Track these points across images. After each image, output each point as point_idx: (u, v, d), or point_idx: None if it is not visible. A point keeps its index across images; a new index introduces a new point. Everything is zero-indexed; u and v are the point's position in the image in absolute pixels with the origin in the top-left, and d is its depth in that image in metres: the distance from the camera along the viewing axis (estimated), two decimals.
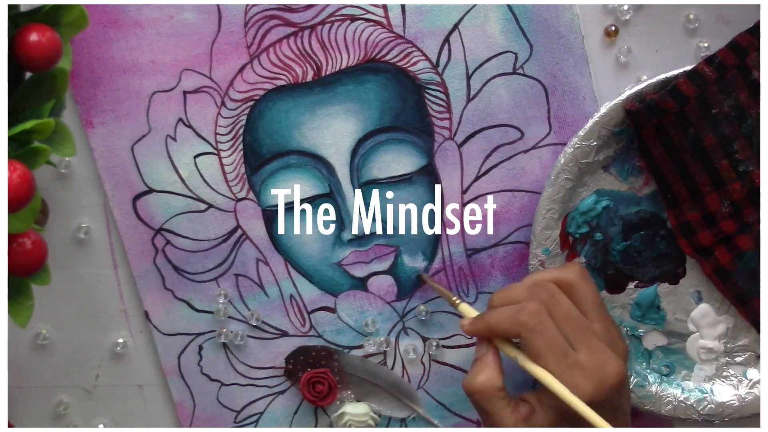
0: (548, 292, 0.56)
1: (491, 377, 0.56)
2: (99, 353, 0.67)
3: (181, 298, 0.66)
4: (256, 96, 0.64)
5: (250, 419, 0.67)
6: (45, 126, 0.51)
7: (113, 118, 0.64)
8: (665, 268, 0.65)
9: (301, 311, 0.66)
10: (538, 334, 0.54)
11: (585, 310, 0.57)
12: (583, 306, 0.57)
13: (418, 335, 0.67)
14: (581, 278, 0.58)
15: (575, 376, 0.54)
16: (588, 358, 0.54)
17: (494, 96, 0.64)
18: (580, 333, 0.55)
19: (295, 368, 0.66)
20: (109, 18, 0.63)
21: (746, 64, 0.59)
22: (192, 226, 0.65)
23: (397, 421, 0.68)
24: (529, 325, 0.54)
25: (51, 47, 0.51)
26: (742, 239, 0.62)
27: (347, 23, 0.63)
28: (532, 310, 0.55)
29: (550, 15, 0.63)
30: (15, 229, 0.50)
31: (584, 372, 0.54)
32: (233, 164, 0.65)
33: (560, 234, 0.63)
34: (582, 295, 0.57)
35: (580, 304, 0.57)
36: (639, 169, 0.63)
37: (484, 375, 0.56)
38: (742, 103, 0.60)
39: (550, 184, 0.62)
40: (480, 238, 0.65)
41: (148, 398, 0.68)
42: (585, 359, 0.54)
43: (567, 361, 0.54)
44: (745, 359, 0.65)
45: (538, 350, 0.54)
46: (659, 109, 0.60)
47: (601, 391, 0.54)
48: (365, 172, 0.64)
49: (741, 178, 0.61)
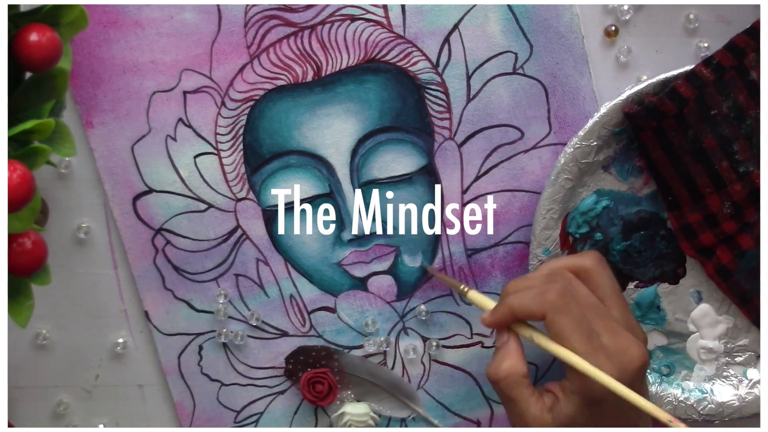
0: (565, 279, 0.55)
1: (516, 364, 0.55)
2: (99, 353, 0.67)
3: (181, 298, 0.66)
4: (256, 96, 0.64)
5: (250, 419, 0.67)
6: (45, 126, 0.51)
7: (113, 118, 0.64)
8: (665, 268, 0.65)
9: (301, 311, 0.66)
10: (565, 314, 0.53)
11: (603, 297, 0.56)
12: (600, 293, 0.56)
13: (418, 335, 0.67)
14: (598, 265, 0.57)
15: (599, 359, 0.53)
16: (611, 341, 0.54)
17: (494, 96, 0.64)
18: (600, 318, 0.55)
19: (295, 368, 0.66)
20: (109, 18, 0.63)
21: (744, 65, 0.59)
22: (192, 226, 0.65)
23: (397, 421, 0.68)
24: (556, 305, 0.53)
25: (51, 47, 0.51)
26: (744, 238, 0.62)
27: (347, 23, 0.63)
28: (558, 289, 0.54)
29: (550, 15, 0.63)
30: (15, 229, 0.50)
31: (608, 355, 0.53)
32: (233, 164, 0.65)
33: (560, 234, 0.63)
34: (599, 282, 0.57)
35: (597, 291, 0.56)
36: (639, 169, 0.63)
37: (509, 362, 0.55)
38: (740, 104, 0.60)
39: (550, 184, 0.62)
40: (480, 238, 0.65)
41: (148, 398, 0.68)
42: (608, 342, 0.54)
43: (592, 344, 0.53)
44: (745, 359, 0.65)
45: (563, 331, 0.53)
46: (658, 111, 0.60)
47: (624, 375, 0.53)
48: (365, 172, 0.64)
49: (741, 178, 0.61)
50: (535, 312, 0.55)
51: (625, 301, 0.58)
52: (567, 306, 0.54)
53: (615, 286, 0.58)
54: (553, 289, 0.54)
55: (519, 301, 0.55)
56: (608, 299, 0.57)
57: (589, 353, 0.53)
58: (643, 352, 0.54)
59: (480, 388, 0.67)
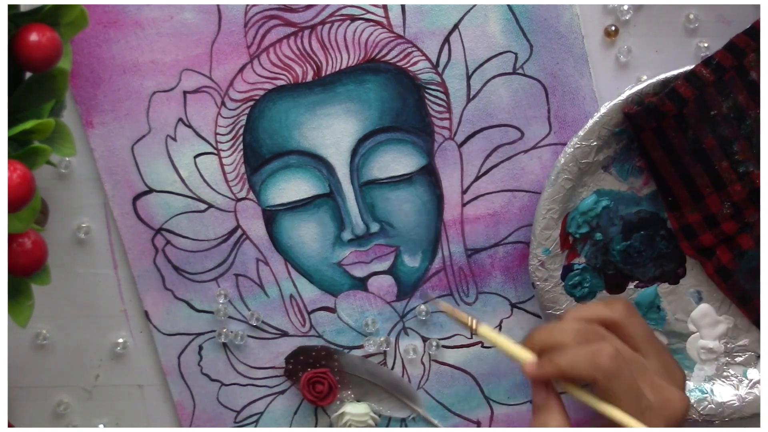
0: (599, 336, 0.53)
1: (562, 422, 0.53)
2: (99, 353, 0.67)
3: (181, 298, 0.66)
4: (256, 96, 0.64)
5: (250, 419, 0.67)
6: (45, 126, 0.51)
7: (113, 118, 0.64)
8: (665, 268, 0.65)
9: (301, 311, 0.66)
10: (617, 379, 0.52)
11: (637, 347, 0.55)
12: (634, 343, 0.55)
13: (418, 335, 0.67)
14: (629, 316, 0.56)
15: (648, 419, 0.52)
16: (654, 397, 0.53)
17: (494, 96, 0.64)
18: (641, 375, 0.53)
19: (295, 368, 0.66)
20: (109, 18, 0.63)
21: (744, 65, 0.59)
22: (192, 226, 0.65)
23: (397, 421, 0.68)
24: (609, 371, 0.51)
25: (51, 47, 0.51)
26: (743, 238, 0.62)
27: (347, 23, 0.63)
28: (610, 354, 0.52)
29: (550, 15, 0.63)
30: (15, 229, 0.50)
31: (654, 412, 0.52)
32: (233, 164, 0.65)
33: (560, 234, 0.63)
34: (632, 333, 0.55)
35: (631, 341, 0.55)
36: (639, 169, 0.63)
37: (555, 422, 0.53)
38: (740, 104, 0.60)
39: (550, 184, 0.62)
40: (480, 238, 0.65)
41: (148, 398, 0.68)
42: (653, 399, 0.53)
43: (641, 404, 0.52)
44: (745, 359, 0.65)
45: (615, 395, 0.52)
46: (658, 112, 0.60)
47: (670, 424, 0.53)
48: (365, 172, 0.64)
49: (741, 179, 0.61)
50: (585, 376, 0.52)
51: (659, 344, 0.56)
52: (620, 371, 0.52)
53: (648, 332, 0.56)
54: (605, 354, 0.52)
55: (569, 362, 0.53)
56: (644, 349, 0.55)
57: (638, 414, 0.52)
58: (683, 398, 0.54)
59: (480, 388, 0.67)
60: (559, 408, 0.54)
